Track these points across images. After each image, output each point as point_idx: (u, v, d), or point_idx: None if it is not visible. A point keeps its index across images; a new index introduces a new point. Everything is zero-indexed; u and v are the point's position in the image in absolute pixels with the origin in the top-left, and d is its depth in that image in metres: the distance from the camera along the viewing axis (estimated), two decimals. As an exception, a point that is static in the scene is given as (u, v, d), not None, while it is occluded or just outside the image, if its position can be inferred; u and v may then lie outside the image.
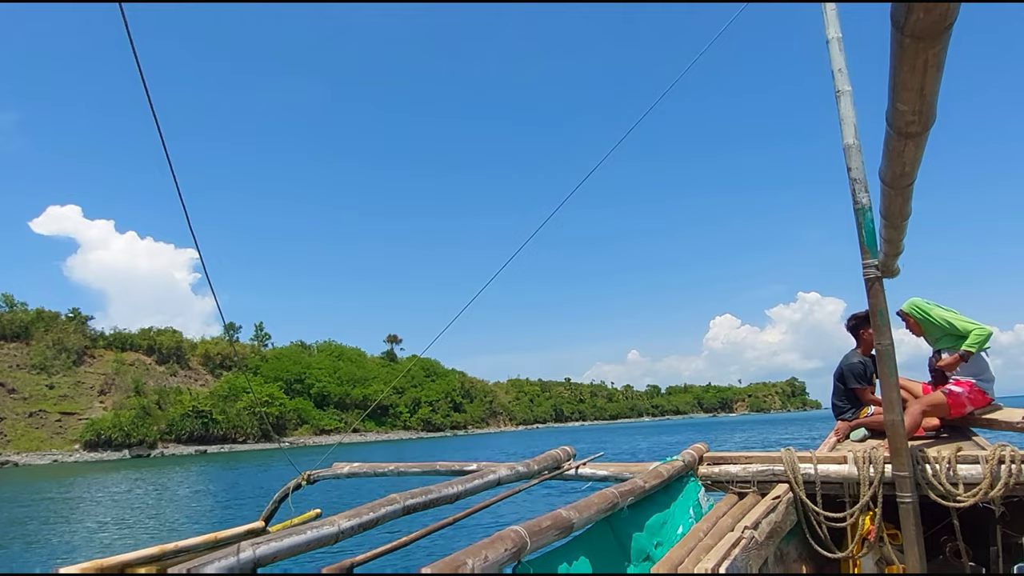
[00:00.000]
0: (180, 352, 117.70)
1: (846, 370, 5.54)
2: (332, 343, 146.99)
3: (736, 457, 4.32)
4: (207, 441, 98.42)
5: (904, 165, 2.31)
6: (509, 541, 2.16)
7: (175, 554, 2.96)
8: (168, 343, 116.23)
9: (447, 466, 4.50)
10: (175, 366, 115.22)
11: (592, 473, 4.17)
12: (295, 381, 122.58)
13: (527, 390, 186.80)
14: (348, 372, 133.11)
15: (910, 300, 5.15)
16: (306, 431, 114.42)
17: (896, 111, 1.92)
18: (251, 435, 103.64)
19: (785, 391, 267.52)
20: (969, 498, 3.50)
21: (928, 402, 4.72)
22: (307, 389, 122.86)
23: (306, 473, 4.62)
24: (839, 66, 3.82)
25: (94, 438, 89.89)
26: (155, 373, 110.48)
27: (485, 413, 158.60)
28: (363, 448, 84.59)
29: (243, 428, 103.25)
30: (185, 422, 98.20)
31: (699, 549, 3.00)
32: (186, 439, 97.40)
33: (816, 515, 3.88)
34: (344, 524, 2.30)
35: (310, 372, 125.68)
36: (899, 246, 3.40)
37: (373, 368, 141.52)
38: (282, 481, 4.78)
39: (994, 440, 4.01)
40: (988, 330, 4.75)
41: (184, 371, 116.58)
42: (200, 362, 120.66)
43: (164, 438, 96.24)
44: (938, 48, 1.55)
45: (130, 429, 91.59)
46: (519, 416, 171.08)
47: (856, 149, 3.73)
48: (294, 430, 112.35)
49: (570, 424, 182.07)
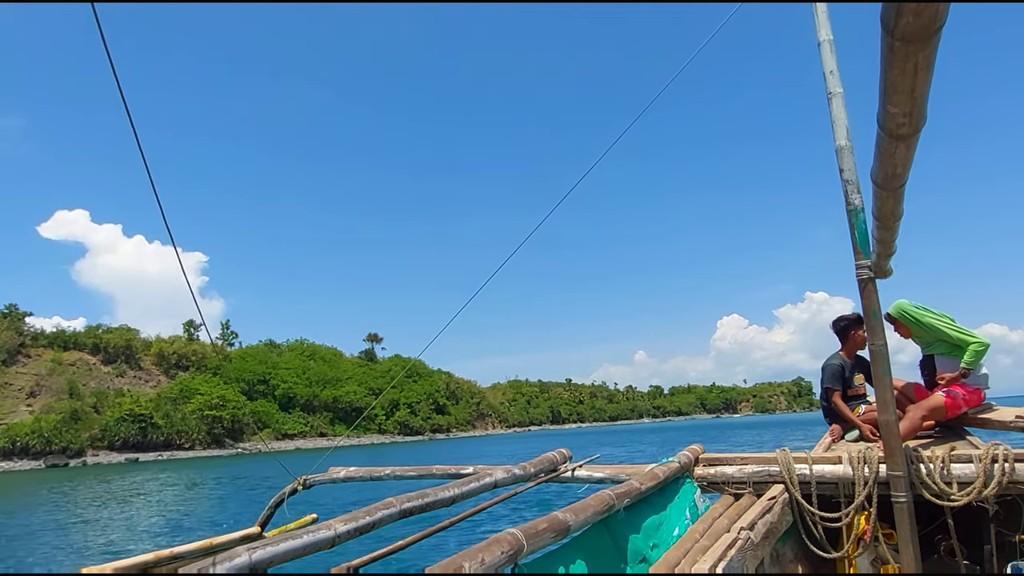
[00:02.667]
0: (131, 351, 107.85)
1: (823, 371, 5.51)
2: (304, 341, 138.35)
3: (732, 458, 4.33)
4: (144, 448, 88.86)
5: (895, 167, 2.32)
6: (506, 544, 2.16)
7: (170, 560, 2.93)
8: (117, 342, 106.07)
9: (443, 469, 4.51)
10: (123, 366, 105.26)
11: (588, 475, 4.18)
12: (259, 382, 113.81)
13: (525, 391, 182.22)
14: (319, 372, 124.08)
15: (897, 303, 5.04)
16: (267, 435, 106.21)
17: (887, 113, 1.93)
18: (199, 441, 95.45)
19: (791, 391, 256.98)
20: (963, 497, 3.52)
21: (928, 407, 4.69)
22: (272, 390, 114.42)
23: (302, 478, 4.60)
24: (831, 68, 3.84)
25: (8, 445, 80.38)
26: (99, 374, 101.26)
27: (471, 415, 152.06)
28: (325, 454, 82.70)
29: (188, 433, 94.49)
30: (119, 427, 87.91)
31: (695, 550, 3.00)
32: (120, 446, 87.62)
33: (812, 515, 3.89)
34: (341, 528, 2.30)
35: (276, 372, 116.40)
36: (891, 247, 3.42)
37: (349, 368, 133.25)
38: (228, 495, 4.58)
39: (987, 439, 4.03)
40: (985, 343, 4.70)
41: (134, 372, 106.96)
42: (154, 362, 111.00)
43: (96, 445, 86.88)
44: (928, 51, 1.57)
45: (52, 435, 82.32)
46: (513, 418, 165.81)
47: (848, 151, 3.75)
48: (253, 435, 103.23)
49: (567, 426, 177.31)
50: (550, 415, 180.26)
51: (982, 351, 4.70)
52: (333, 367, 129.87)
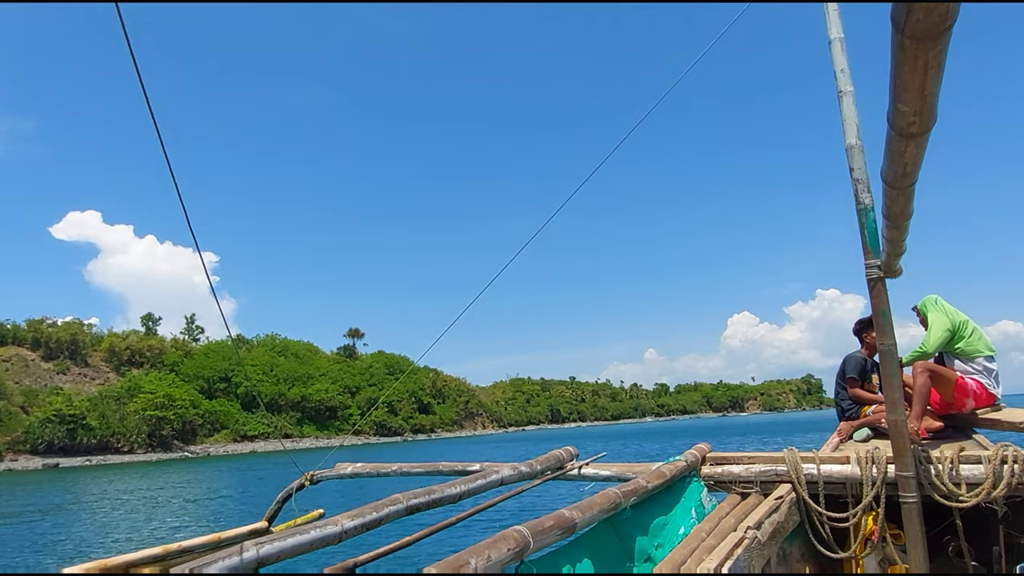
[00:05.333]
0: (76, 346, 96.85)
1: (846, 363, 5.62)
2: (275, 337, 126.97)
3: (739, 457, 4.33)
4: (75, 452, 78.90)
5: (905, 165, 2.31)
6: (512, 541, 2.17)
7: (179, 554, 2.96)
8: (62, 336, 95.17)
9: (450, 466, 4.52)
10: (67, 362, 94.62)
11: (595, 473, 4.18)
12: (220, 379, 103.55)
13: (526, 389, 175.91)
14: (288, 369, 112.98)
15: (928, 296, 5.21)
16: (224, 437, 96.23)
17: (897, 112, 1.92)
18: (140, 444, 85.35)
19: (800, 389, 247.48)
20: (972, 498, 3.50)
21: (938, 369, 4.83)
22: (234, 389, 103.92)
23: (309, 473, 4.63)
24: (841, 67, 3.82)
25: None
26: (38, 371, 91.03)
27: (459, 415, 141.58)
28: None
29: (127, 435, 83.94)
30: (43, 429, 77.23)
31: (702, 549, 3.00)
32: (44, 450, 77.37)
33: (819, 515, 3.88)
34: (347, 524, 2.31)
35: (240, 369, 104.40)
36: (901, 246, 3.40)
37: (324, 365, 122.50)
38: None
39: (997, 440, 4.01)
40: (923, 351, 4.92)
41: (80, 368, 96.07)
42: (104, 358, 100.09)
43: (17, 449, 76.27)
44: (938, 49, 1.56)
45: (-42, 439, 71.25)
46: (508, 417, 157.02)
47: (858, 149, 3.73)
48: (208, 436, 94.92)
49: (567, 426, 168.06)
50: (549, 414, 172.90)
51: (916, 356, 4.93)
52: (305, 364, 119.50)
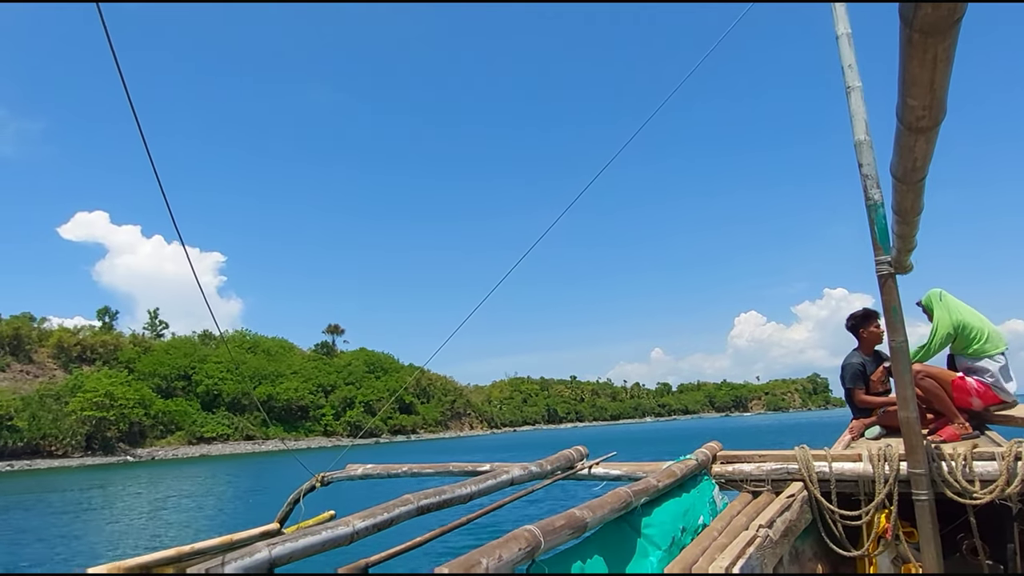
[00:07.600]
0: (19, 342, 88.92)
1: (843, 372, 5.54)
2: (245, 333, 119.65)
3: (750, 456, 4.31)
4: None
5: (915, 160, 2.30)
6: (523, 540, 2.17)
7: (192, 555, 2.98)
8: (3, 331, 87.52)
9: (460, 467, 4.54)
10: (8, 359, 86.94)
11: (605, 472, 4.17)
12: (179, 377, 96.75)
13: (524, 389, 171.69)
14: (256, 367, 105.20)
15: (932, 290, 5.12)
16: (178, 439, 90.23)
17: (906, 106, 1.91)
18: (77, 447, 78.69)
19: (806, 388, 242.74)
20: (986, 495, 3.48)
21: (931, 371, 4.84)
22: (194, 388, 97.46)
23: (320, 475, 4.65)
24: (849, 62, 3.80)
25: None
26: None
27: (445, 415, 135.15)
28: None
29: (60, 438, 76.81)
30: None
31: (713, 548, 2.99)
32: None
33: (831, 513, 3.86)
34: (359, 525, 2.31)
35: (201, 367, 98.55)
36: (911, 242, 3.39)
37: (297, 363, 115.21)
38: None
39: (1010, 437, 3.98)
40: (922, 351, 4.97)
41: (22, 365, 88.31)
42: (51, 355, 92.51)
43: None
44: (947, 43, 1.55)
45: None
46: (501, 417, 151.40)
47: (867, 145, 3.70)
48: (160, 438, 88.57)
49: (563, 426, 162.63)
50: (546, 414, 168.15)
51: (916, 356, 4.93)
52: (276, 361, 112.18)
